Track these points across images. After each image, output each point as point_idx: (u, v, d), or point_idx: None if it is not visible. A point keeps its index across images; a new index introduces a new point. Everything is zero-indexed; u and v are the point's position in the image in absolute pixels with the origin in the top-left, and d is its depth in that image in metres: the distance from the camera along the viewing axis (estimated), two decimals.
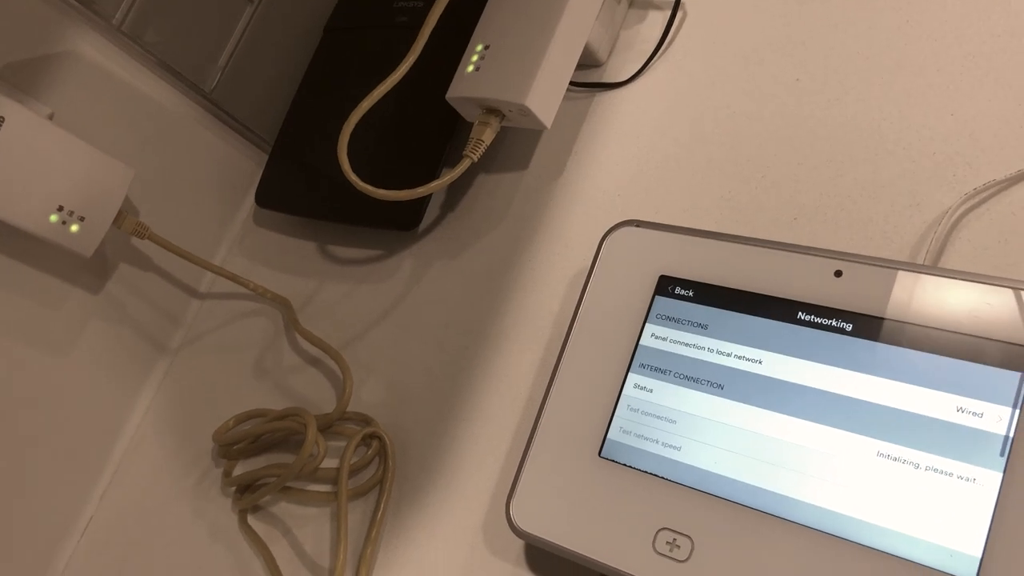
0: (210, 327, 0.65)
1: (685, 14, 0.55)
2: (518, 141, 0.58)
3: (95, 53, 0.56)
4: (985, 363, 0.37)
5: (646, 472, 0.42)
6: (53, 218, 0.53)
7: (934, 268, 0.39)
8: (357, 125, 0.53)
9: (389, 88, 0.52)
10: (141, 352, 0.64)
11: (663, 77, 0.54)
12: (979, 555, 0.35)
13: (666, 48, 0.55)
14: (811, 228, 0.46)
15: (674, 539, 0.40)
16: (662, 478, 0.41)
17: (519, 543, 0.47)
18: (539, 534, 0.43)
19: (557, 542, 0.42)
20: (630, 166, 0.53)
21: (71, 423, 0.61)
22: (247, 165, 0.67)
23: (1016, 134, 0.43)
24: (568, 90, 0.57)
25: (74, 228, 0.53)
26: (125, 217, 0.56)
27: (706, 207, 0.50)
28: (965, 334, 0.37)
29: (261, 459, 0.57)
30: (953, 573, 0.35)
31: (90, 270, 0.60)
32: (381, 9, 0.64)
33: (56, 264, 0.58)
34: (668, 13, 0.55)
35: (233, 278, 0.61)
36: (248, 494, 0.55)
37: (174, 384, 0.64)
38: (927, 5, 0.48)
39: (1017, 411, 0.35)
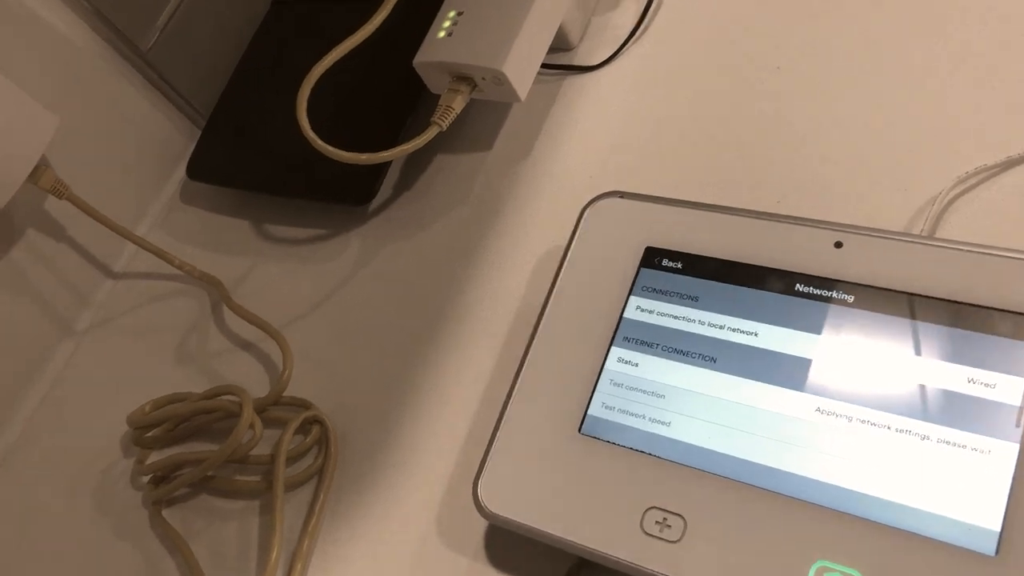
0: (125, 308, 0.59)
1: (660, 3, 0.54)
2: (481, 120, 0.55)
3: None
4: (996, 334, 0.35)
5: (632, 449, 0.39)
6: None
7: (941, 239, 0.38)
8: (311, 96, 0.49)
9: (358, 43, 0.48)
10: (41, 332, 0.57)
11: (638, 62, 0.53)
12: (998, 529, 0.33)
13: (640, 35, 0.53)
14: (796, 210, 0.45)
15: (664, 518, 0.37)
16: (650, 455, 0.38)
17: (478, 535, 0.43)
18: (511, 516, 0.39)
19: (532, 525, 0.39)
20: (603, 148, 0.51)
21: None
22: (178, 138, 0.62)
23: (1003, 123, 0.43)
24: (539, 72, 0.55)
25: None
26: (44, 171, 0.51)
27: (685, 190, 0.48)
28: (975, 305, 0.36)
29: (179, 449, 0.52)
30: (972, 548, 0.33)
31: None
32: None
33: None
34: (642, 1, 0.54)
35: (158, 253, 0.56)
36: (165, 484, 0.49)
37: (78, 370, 0.58)
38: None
39: None
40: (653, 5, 0.54)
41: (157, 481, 0.50)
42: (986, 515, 0.33)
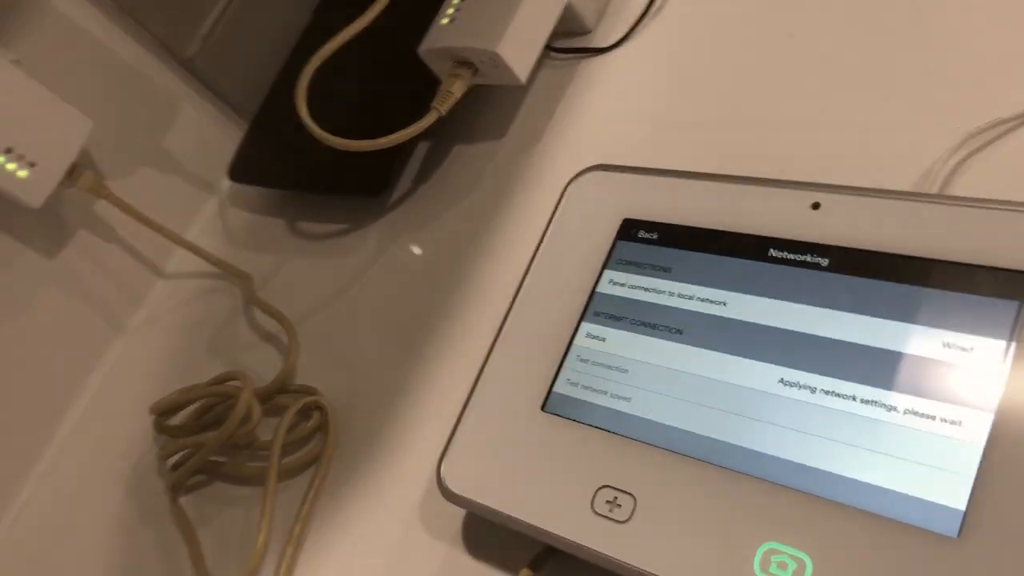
0: (171, 305, 0.61)
1: None
2: (497, 109, 0.54)
3: (67, 4, 0.55)
4: (977, 293, 0.31)
5: (591, 426, 0.36)
6: (0, 159, 0.50)
7: (920, 194, 0.34)
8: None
9: (351, 36, 0.49)
10: (96, 328, 0.60)
11: (651, 40, 0.51)
12: (963, 508, 0.29)
13: (656, 13, 0.52)
14: (802, 178, 0.42)
15: (615, 497, 0.34)
16: (607, 431, 0.36)
17: (456, 522, 0.42)
18: (471, 496, 0.38)
19: (488, 504, 0.37)
20: (613, 130, 0.49)
21: (12, 397, 0.57)
22: (224, 142, 0.64)
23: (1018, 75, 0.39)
24: (552, 57, 0.54)
25: (22, 174, 0.51)
26: (82, 172, 0.54)
27: (694, 165, 0.45)
28: (955, 262, 0.32)
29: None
30: (932, 529, 0.29)
31: (46, 232, 0.57)
32: None
33: (7, 220, 0.55)
34: None
35: (194, 250, 0.58)
36: (175, 470, 0.50)
37: (128, 364, 0.61)
38: None
39: (1012, 344, 0.30)
40: None
41: (176, 467, 0.51)
42: (951, 493, 0.29)
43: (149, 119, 0.60)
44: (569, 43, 0.53)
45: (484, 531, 0.41)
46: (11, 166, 0.50)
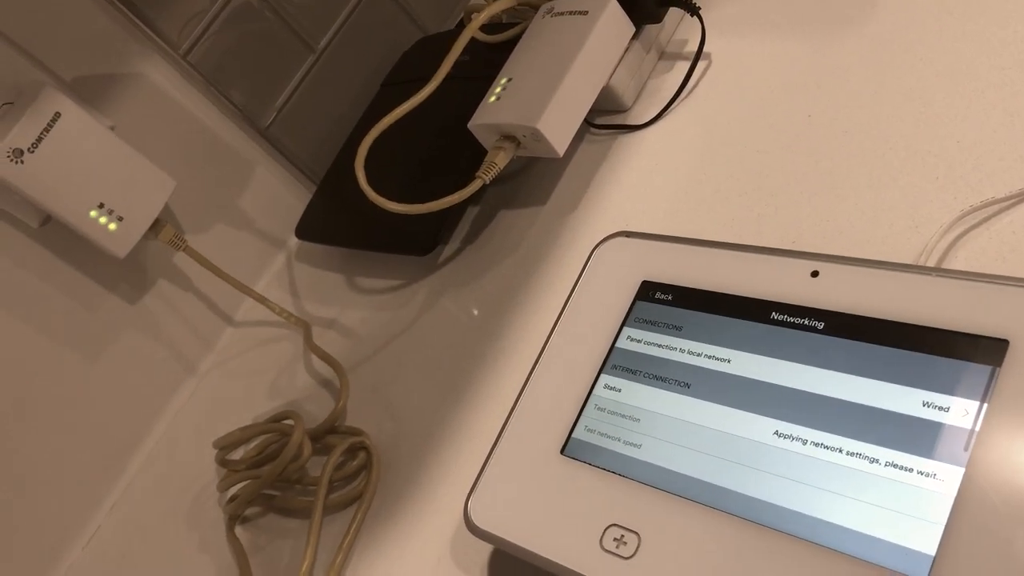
0: (239, 351, 0.66)
1: (710, 62, 0.56)
2: (540, 179, 0.59)
3: (160, 78, 0.61)
4: (956, 357, 0.34)
5: (604, 469, 0.40)
6: (93, 213, 0.56)
7: (909, 266, 0.37)
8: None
9: (411, 108, 0.54)
10: (171, 371, 0.66)
11: (682, 119, 0.55)
12: (933, 553, 0.31)
13: (688, 93, 0.56)
14: (813, 248, 0.45)
15: (622, 535, 0.38)
16: (619, 475, 0.39)
17: (484, 557, 0.45)
18: (493, 532, 0.41)
19: (508, 539, 0.40)
20: (641, 201, 0.53)
21: (91, 429, 0.63)
22: (293, 203, 0.70)
23: (1021, 157, 0.42)
24: (591, 132, 0.58)
25: (112, 227, 0.57)
26: (164, 226, 0.60)
27: (712, 235, 0.49)
28: (937, 328, 0.35)
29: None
30: (904, 572, 0.31)
31: (129, 280, 0.63)
32: (433, 65, 0.67)
33: (95, 268, 0.61)
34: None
35: (261, 300, 0.63)
36: (232, 502, 0.55)
37: (197, 403, 0.66)
38: (937, 43, 0.48)
39: (985, 405, 0.33)
40: (703, 65, 0.56)
41: (233, 499, 0.56)
42: (923, 540, 0.32)
43: (227, 180, 0.66)
44: (608, 119, 0.58)
45: (508, 566, 0.44)
46: (103, 219, 0.56)
